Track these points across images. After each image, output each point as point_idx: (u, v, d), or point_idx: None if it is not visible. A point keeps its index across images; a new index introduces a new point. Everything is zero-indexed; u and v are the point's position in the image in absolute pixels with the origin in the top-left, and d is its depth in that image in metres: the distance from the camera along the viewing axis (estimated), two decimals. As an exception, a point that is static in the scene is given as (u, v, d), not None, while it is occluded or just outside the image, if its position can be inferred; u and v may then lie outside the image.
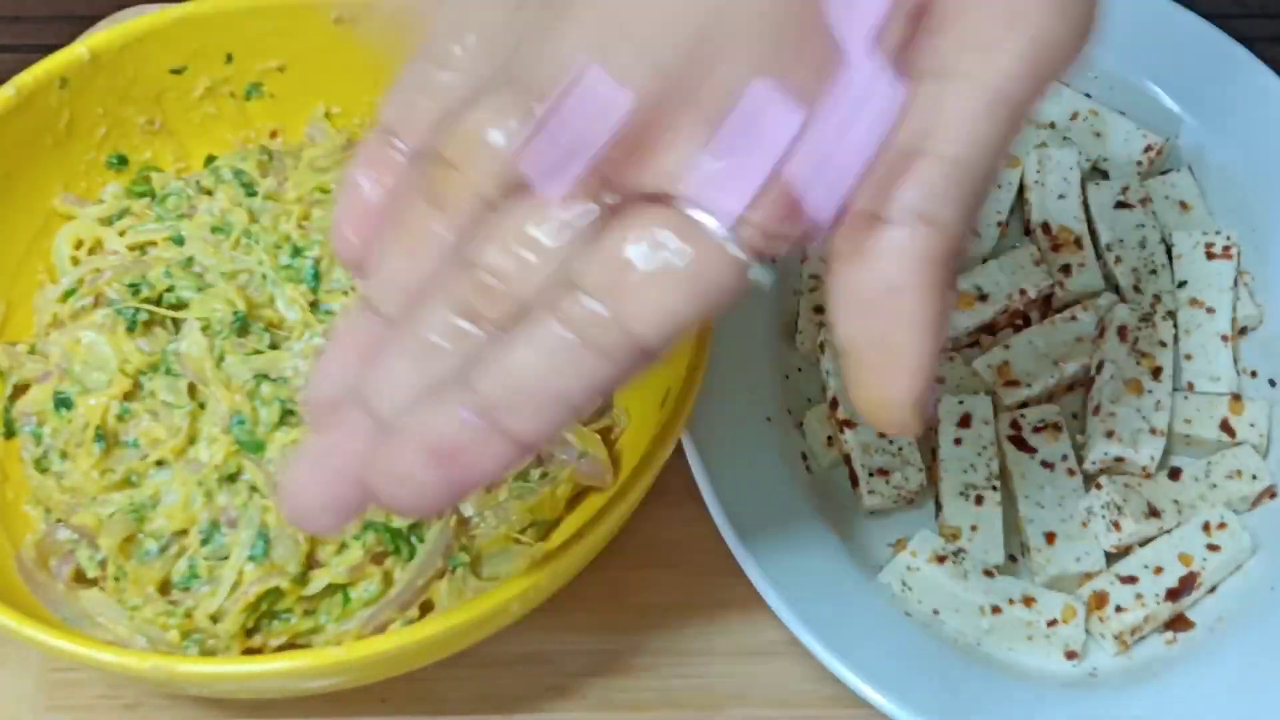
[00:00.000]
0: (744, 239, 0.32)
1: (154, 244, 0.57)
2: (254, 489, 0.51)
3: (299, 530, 0.50)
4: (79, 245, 0.58)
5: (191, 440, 0.52)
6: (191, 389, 0.53)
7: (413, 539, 0.52)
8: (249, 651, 0.50)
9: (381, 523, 0.51)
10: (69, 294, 0.55)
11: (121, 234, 0.57)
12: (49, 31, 0.67)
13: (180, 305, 0.55)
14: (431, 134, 0.34)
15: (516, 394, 0.33)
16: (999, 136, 0.32)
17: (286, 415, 0.52)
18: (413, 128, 0.35)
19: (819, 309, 0.60)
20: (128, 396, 0.53)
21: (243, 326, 0.54)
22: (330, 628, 0.51)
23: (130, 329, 0.54)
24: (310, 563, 0.51)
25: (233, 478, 0.52)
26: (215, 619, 0.50)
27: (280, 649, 0.51)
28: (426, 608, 0.52)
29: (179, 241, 0.57)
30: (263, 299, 0.55)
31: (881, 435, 0.56)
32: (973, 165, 0.32)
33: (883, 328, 0.33)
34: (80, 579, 0.52)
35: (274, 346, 0.54)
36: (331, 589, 0.51)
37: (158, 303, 0.55)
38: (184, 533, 0.51)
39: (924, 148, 0.32)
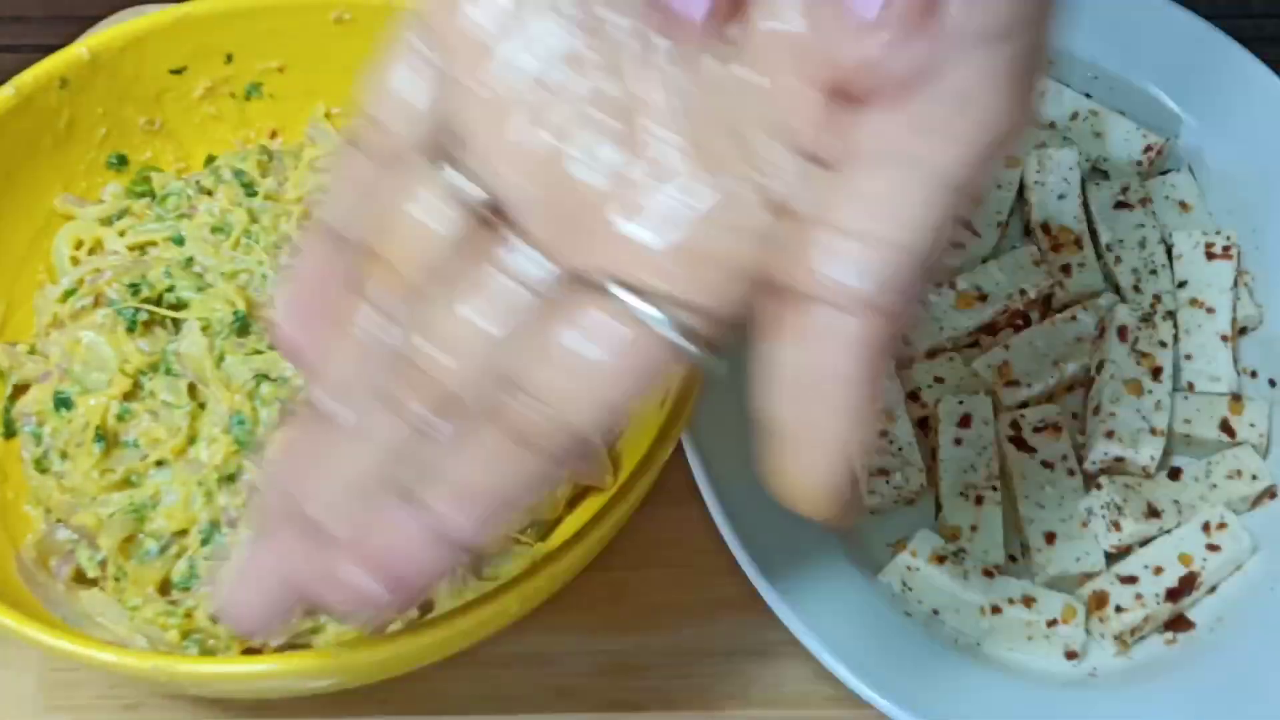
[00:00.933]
0: (683, 325, 0.31)
1: (154, 244, 0.57)
2: (254, 489, 0.51)
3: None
4: (79, 245, 0.58)
5: (191, 440, 0.52)
6: (191, 389, 0.53)
7: (413, 539, 0.52)
8: (249, 652, 0.50)
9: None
10: (69, 294, 0.55)
11: (121, 234, 0.57)
12: (49, 31, 0.67)
13: (180, 305, 0.55)
14: (362, 226, 0.34)
15: (462, 502, 0.32)
16: (946, 220, 0.31)
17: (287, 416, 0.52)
18: (347, 218, 0.35)
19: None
20: (128, 396, 0.53)
21: (243, 326, 0.54)
22: (330, 628, 0.51)
23: (130, 329, 0.54)
24: (310, 563, 0.51)
25: (233, 478, 0.52)
26: (215, 619, 0.50)
27: (280, 649, 0.51)
28: (426, 608, 0.52)
29: (179, 241, 0.57)
30: (263, 299, 0.55)
31: (884, 434, 0.56)
32: (920, 250, 0.31)
33: (814, 413, 0.32)
34: (80, 579, 0.52)
35: (274, 347, 0.54)
36: (331, 589, 0.51)
37: (158, 303, 0.55)
38: (184, 533, 0.51)
39: (871, 231, 0.31)
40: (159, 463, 0.52)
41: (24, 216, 0.57)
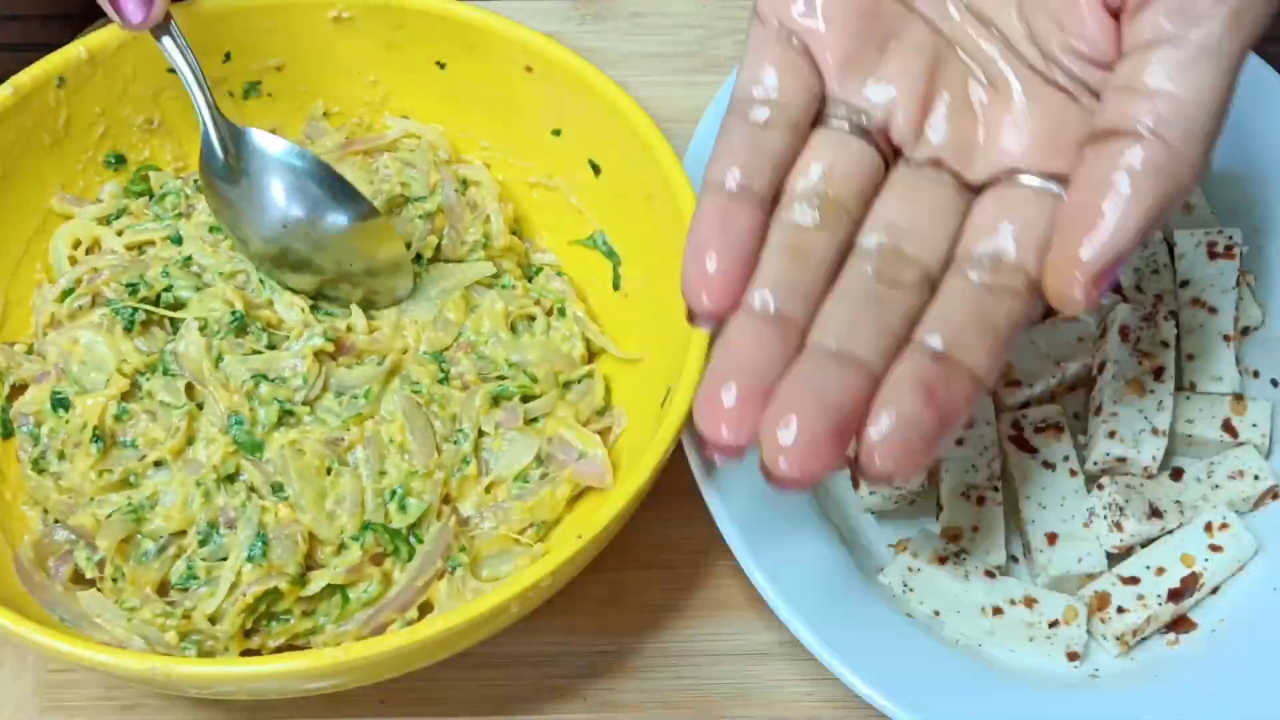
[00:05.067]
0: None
1: (152, 243, 0.57)
2: (252, 489, 0.51)
3: (297, 531, 0.50)
4: (77, 245, 0.57)
5: (189, 441, 0.52)
6: (189, 389, 0.53)
7: (412, 539, 0.51)
8: (247, 652, 0.50)
9: (380, 524, 0.51)
10: (67, 294, 0.55)
11: (119, 233, 0.57)
12: (47, 30, 0.67)
13: (178, 305, 0.55)
14: (771, 173, 0.41)
15: (962, 334, 0.39)
16: (1210, 85, 0.39)
17: (285, 416, 0.52)
18: (752, 172, 0.41)
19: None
20: (125, 397, 0.53)
21: (241, 326, 0.54)
22: (329, 629, 0.51)
23: (128, 329, 0.54)
24: (309, 563, 0.51)
25: (231, 478, 0.51)
26: (213, 620, 0.49)
27: (279, 650, 0.51)
28: (426, 609, 0.52)
29: (177, 241, 0.57)
30: (261, 299, 0.55)
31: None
32: (1189, 104, 0.38)
33: (1095, 198, 0.38)
34: (78, 580, 0.52)
35: (272, 346, 0.54)
36: (330, 590, 0.51)
37: (155, 302, 0.54)
38: (182, 533, 0.51)
39: (1143, 86, 0.38)
40: (157, 463, 0.52)
41: (21, 216, 0.57)
